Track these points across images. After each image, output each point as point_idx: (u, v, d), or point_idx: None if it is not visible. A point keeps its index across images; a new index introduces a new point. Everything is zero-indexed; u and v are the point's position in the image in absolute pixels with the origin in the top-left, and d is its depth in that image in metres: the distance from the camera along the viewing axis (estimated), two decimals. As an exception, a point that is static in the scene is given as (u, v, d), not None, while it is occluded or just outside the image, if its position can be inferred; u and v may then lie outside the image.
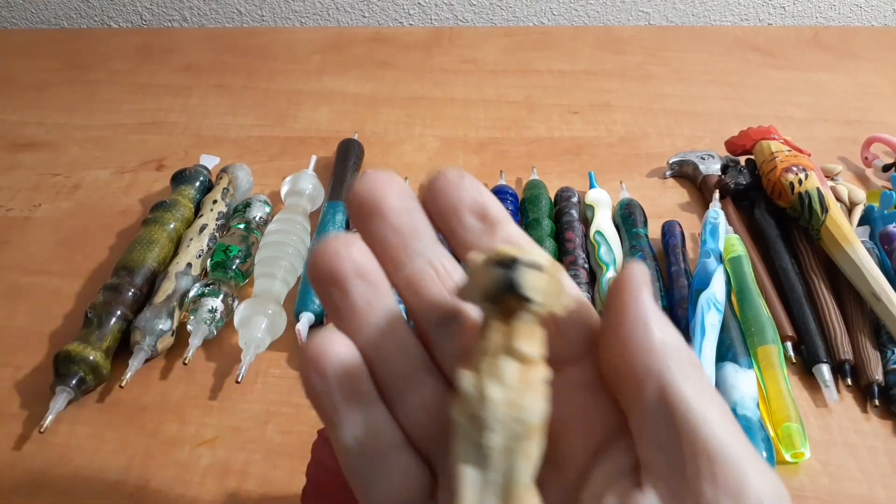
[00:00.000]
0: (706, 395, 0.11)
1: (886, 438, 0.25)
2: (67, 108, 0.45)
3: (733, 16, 0.59)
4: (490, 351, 0.11)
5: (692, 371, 0.11)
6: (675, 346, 0.11)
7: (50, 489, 0.24)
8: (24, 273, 0.33)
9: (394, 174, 0.13)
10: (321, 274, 0.12)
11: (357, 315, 0.12)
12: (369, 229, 0.12)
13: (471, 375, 0.11)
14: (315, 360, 0.11)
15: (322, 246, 0.12)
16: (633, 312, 0.11)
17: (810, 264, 0.31)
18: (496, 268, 0.11)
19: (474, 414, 0.11)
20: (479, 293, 0.11)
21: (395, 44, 0.53)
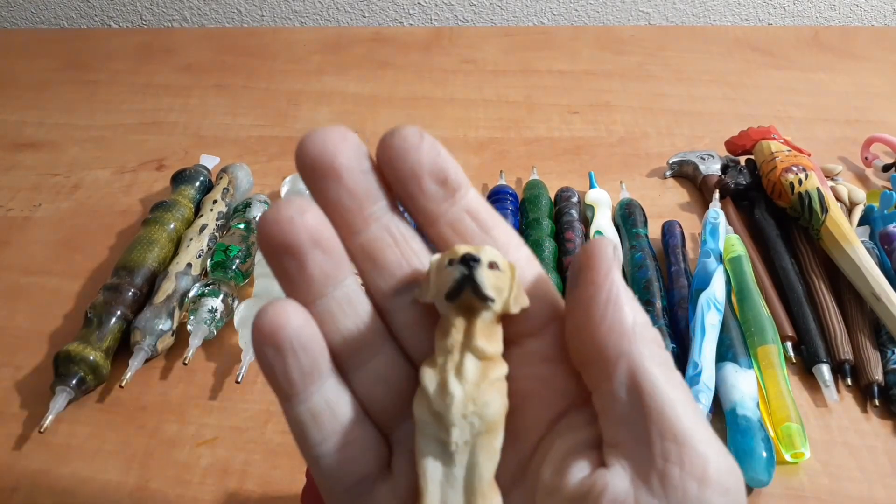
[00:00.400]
0: (673, 378, 0.11)
1: (886, 438, 0.25)
2: (67, 108, 0.45)
3: (733, 16, 0.59)
4: (451, 349, 0.11)
5: (659, 353, 0.11)
6: (644, 326, 0.11)
7: (50, 489, 0.24)
8: (24, 273, 0.33)
9: (346, 129, 0.12)
10: (274, 244, 0.11)
11: (314, 286, 0.11)
12: (323, 191, 0.12)
13: (432, 373, 0.11)
14: (270, 334, 0.11)
15: (274, 213, 0.11)
16: (605, 292, 0.11)
17: (810, 264, 0.31)
18: (458, 267, 0.11)
19: (437, 411, 0.11)
20: (440, 292, 0.11)
21: (395, 44, 0.53)
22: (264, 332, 0.11)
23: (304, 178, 0.12)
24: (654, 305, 0.28)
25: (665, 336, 0.27)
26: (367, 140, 0.46)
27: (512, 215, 0.34)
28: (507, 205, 0.34)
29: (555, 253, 0.31)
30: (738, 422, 0.24)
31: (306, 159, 0.12)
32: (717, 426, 0.25)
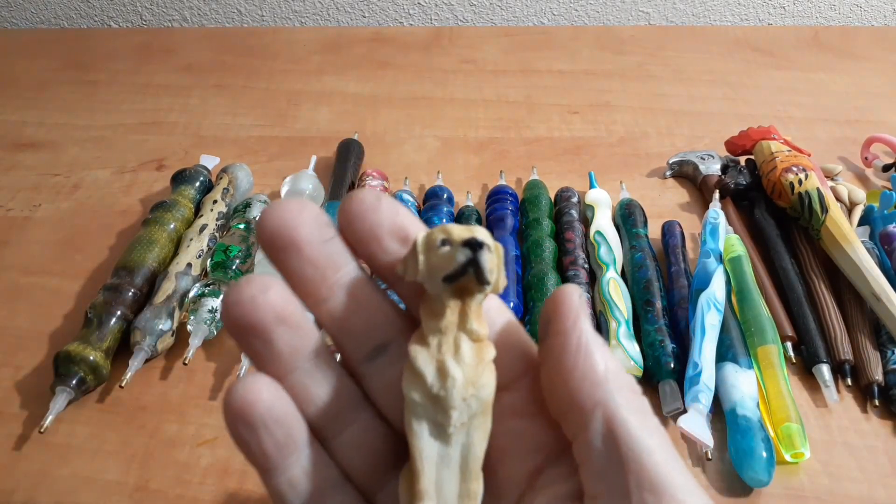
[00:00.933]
0: (650, 424, 0.11)
1: (886, 438, 0.25)
2: (67, 108, 0.45)
3: (733, 16, 0.59)
4: (445, 330, 0.11)
5: (635, 400, 0.11)
6: (617, 374, 0.11)
7: (50, 489, 0.24)
8: (24, 273, 0.33)
9: (306, 201, 0.12)
10: (239, 325, 0.11)
11: (283, 361, 0.12)
12: (285, 264, 0.12)
13: (426, 354, 0.11)
14: (241, 411, 0.11)
15: (235, 293, 0.11)
16: (575, 341, 0.11)
17: (810, 264, 0.31)
18: (462, 250, 0.11)
19: (436, 394, 0.11)
20: (433, 273, 0.11)
21: (395, 44, 0.53)
22: (235, 409, 0.11)
23: (266, 252, 0.12)
24: (654, 305, 0.28)
25: (665, 336, 0.27)
26: (366, 142, 0.46)
27: (512, 215, 0.34)
28: (507, 205, 0.34)
29: (555, 253, 0.31)
30: (738, 422, 0.24)
31: (266, 234, 0.12)
32: (717, 426, 0.25)
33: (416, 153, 0.41)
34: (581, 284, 0.30)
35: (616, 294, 0.28)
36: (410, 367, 0.11)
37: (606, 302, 0.28)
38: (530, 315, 0.28)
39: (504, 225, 0.33)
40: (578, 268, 0.31)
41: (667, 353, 0.26)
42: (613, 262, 0.30)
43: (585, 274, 0.30)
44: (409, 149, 0.41)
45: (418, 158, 0.40)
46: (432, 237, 0.11)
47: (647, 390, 0.27)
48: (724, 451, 0.24)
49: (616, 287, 0.29)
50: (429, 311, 0.12)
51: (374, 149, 0.41)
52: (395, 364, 0.12)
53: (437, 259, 0.11)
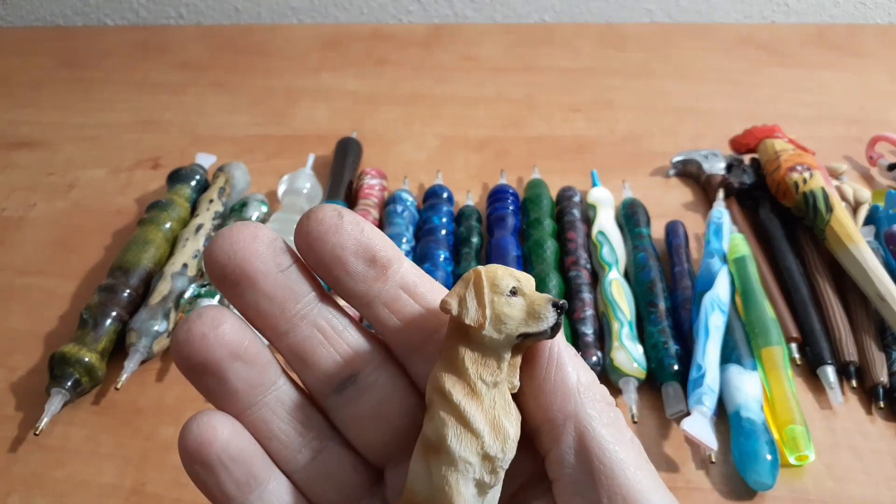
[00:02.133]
0: (623, 438, 0.11)
1: (891, 441, 0.25)
2: (62, 107, 0.45)
3: (737, 13, 0.59)
4: (497, 384, 0.11)
5: (608, 412, 0.11)
6: (589, 386, 0.11)
7: (45, 492, 0.24)
8: (19, 273, 0.33)
9: (258, 227, 0.11)
10: (190, 364, 0.11)
11: (241, 397, 0.11)
12: (238, 298, 0.11)
13: (480, 410, 0.11)
14: (196, 452, 0.10)
15: (185, 331, 0.11)
16: (546, 353, 0.11)
17: (815, 264, 0.30)
18: (552, 311, 0.11)
19: (492, 454, 0.11)
20: (501, 322, 0.11)
21: (394, 41, 0.53)
22: (190, 450, 0.11)
23: (216, 286, 0.11)
24: (658, 306, 0.28)
25: (669, 337, 0.27)
26: (365, 140, 0.46)
27: (513, 215, 0.33)
28: (508, 204, 0.34)
29: (557, 253, 0.31)
30: (743, 424, 0.24)
31: (215, 268, 0.11)
32: (721, 428, 0.25)
33: (416, 152, 0.40)
34: (583, 285, 0.29)
35: (619, 295, 0.28)
36: (463, 422, 0.11)
37: (609, 303, 0.28)
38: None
39: (505, 225, 0.32)
40: (580, 268, 0.30)
41: (670, 354, 0.26)
42: (616, 263, 0.30)
43: (587, 274, 0.30)
44: (408, 147, 0.41)
45: (418, 157, 0.40)
46: (500, 282, 0.11)
47: (650, 392, 0.26)
48: (728, 454, 0.24)
49: (619, 288, 0.29)
50: (478, 360, 0.11)
51: (372, 147, 0.40)
52: (365, 395, 0.12)
53: (508, 309, 0.11)
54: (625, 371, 0.26)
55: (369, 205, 0.34)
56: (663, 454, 0.25)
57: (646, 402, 0.26)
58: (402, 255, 0.12)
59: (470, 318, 0.11)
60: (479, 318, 0.11)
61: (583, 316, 0.28)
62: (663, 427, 0.25)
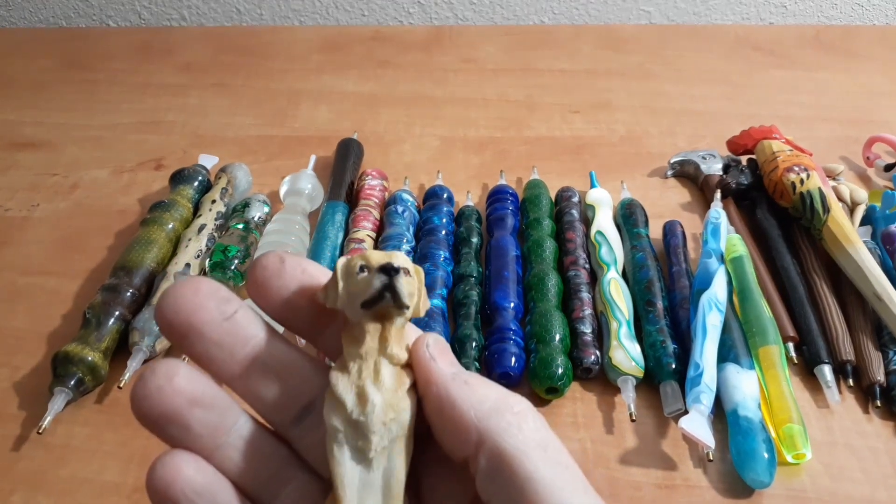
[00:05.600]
0: (531, 442, 0.11)
1: (888, 439, 0.25)
2: (66, 108, 0.45)
3: (735, 15, 0.59)
4: (365, 356, 0.11)
5: (516, 423, 0.11)
6: (491, 410, 0.11)
7: (48, 490, 0.24)
8: (23, 273, 0.33)
9: (199, 281, 0.11)
10: (151, 418, 0.11)
11: (205, 441, 0.11)
12: (190, 349, 0.12)
13: (346, 381, 0.11)
14: (162, 491, 0.11)
15: (141, 387, 0.11)
16: (434, 398, 0.11)
17: (812, 264, 0.31)
18: (378, 276, 0.11)
19: (356, 419, 0.11)
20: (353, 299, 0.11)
21: (394, 43, 0.53)
22: (157, 489, 0.11)
23: (168, 339, 0.12)
24: (656, 306, 0.28)
25: (666, 336, 0.27)
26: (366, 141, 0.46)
27: (512, 215, 0.33)
28: (508, 205, 0.34)
29: (556, 253, 0.31)
30: (740, 423, 0.24)
31: (163, 324, 0.11)
32: (719, 427, 0.25)
33: (416, 153, 0.41)
34: (581, 285, 0.30)
35: (617, 294, 0.28)
36: (331, 394, 0.11)
37: (607, 302, 0.28)
38: (531, 315, 0.28)
39: (504, 225, 0.33)
40: (579, 268, 0.30)
41: (668, 353, 0.26)
42: (614, 262, 0.30)
43: (586, 274, 0.30)
44: (408, 148, 0.41)
45: (418, 158, 0.40)
46: (351, 263, 0.12)
47: (648, 391, 0.27)
48: (726, 452, 0.24)
49: (617, 287, 0.29)
50: (349, 338, 0.12)
51: (373, 148, 0.41)
52: (323, 423, 0.12)
53: (355, 285, 0.11)
54: (623, 370, 0.26)
55: (370, 205, 0.34)
56: (661, 452, 0.25)
57: (644, 400, 0.26)
58: None
59: (330, 301, 0.12)
60: (333, 300, 0.11)
61: (581, 315, 0.28)
62: (661, 425, 0.26)
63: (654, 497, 0.23)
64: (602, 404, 0.26)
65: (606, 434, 0.25)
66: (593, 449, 0.25)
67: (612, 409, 0.26)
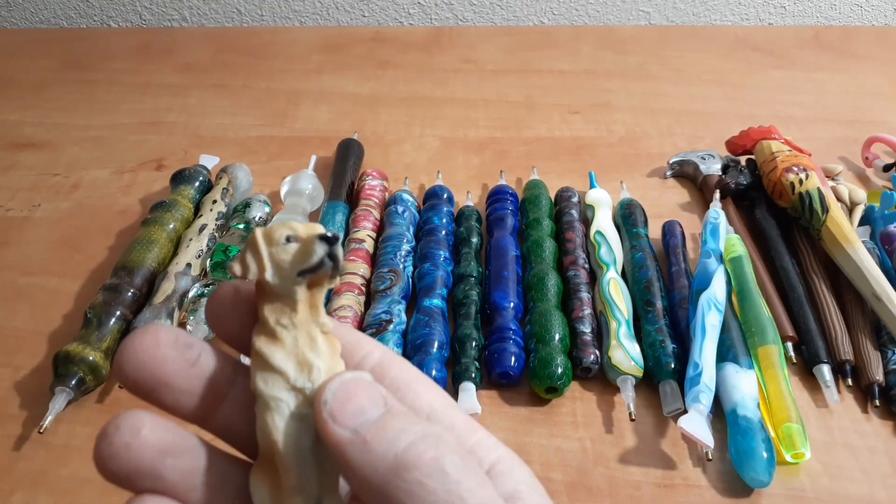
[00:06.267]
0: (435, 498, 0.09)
1: (887, 439, 0.25)
2: (66, 108, 0.45)
3: (734, 15, 0.59)
4: (300, 325, 0.11)
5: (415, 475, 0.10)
6: (383, 455, 0.10)
7: (49, 489, 0.24)
8: (24, 273, 0.33)
9: (158, 330, 0.11)
10: (120, 475, 0.10)
11: (179, 487, 0.11)
12: (158, 403, 0.11)
13: (282, 350, 0.11)
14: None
15: (105, 446, 0.10)
16: (330, 440, 0.10)
17: (811, 264, 0.31)
18: (319, 244, 0.11)
19: (300, 386, 0.11)
20: (284, 269, 0.11)
21: (395, 43, 0.53)
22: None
23: (134, 394, 0.11)
24: (655, 305, 0.28)
25: (666, 336, 0.27)
26: (366, 142, 0.46)
27: (512, 215, 0.34)
28: (508, 205, 0.34)
29: (555, 253, 0.31)
30: (739, 422, 0.24)
31: (127, 381, 0.11)
32: (718, 426, 0.25)
33: (416, 153, 0.41)
34: (581, 284, 0.30)
35: (616, 294, 0.28)
36: (265, 365, 0.11)
37: (607, 302, 0.28)
38: (531, 315, 0.28)
39: (504, 225, 0.33)
40: (579, 268, 0.30)
41: (667, 353, 0.26)
42: (614, 262, 0.30)
43: (586, 274, 0.30)
44: (408, 148, 0.41)
45: (418, 158, 0.40)
46: (273, 234, 0.11)
47: (647, 390, 0.27)
48: (725, 452, 0.24)
49: (616, 287, 0.29)
50: (275, 308, 0.11)
51: (373, 148, 0.41)
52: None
53: (285, 255, 0.11)
54: (622, 369, 0.26)
55: (370, 205, 0.34)
56: (661, 452, 0.25)
57: (643, 400, 0.26)
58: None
59: (252, 273, 0.11)
60: (259, 270, 0.11)
61: (581, 315, 0.28)
62: (660, 425, 0.26)
63: (654, 496, 0.23)
64: (601, 404, 0.27)
65: (606, 433, 0.25)
66: (593, 448, 0.25)
67: (611, 408, 0.26)
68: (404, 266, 0.30)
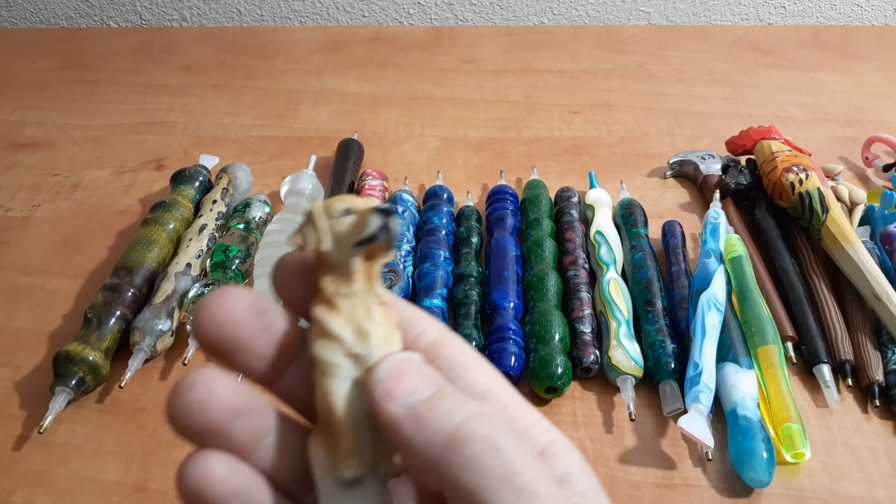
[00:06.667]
0: (490, 473, 0.10)
1: (887, 439, 0.25)
2: (67, 108, 0.45)
3: (734, 15, 0.59)
4: (356, 294, 0.12)
5: (470, 450, 0.10)
6: (438, 430, 0.10)
7: (49, 489, 0.24)
8: (24, 273, 0.33)
9: (237, 293, 0.11)
10: (192, 431, 0.11)
11: (246, 446, 0.11)
12: (231, 365, 0.11)
13: (340, 318, 0.11)
14: (195, 494, 0.11)
15: (181, 402, 0.11)
16: (385, 417, 0.10)
17: (811, 264, 0.31)
18: (376, 216, 0.11)
19: (357, 353, 0.11)
20: (342, 240, 0.11)
21: (394, 43, 0.53)
22: (190, 492, 0.11)
23: (209, 356, 0.12)
24: (655, 305, 0.28)
25: (666, 336, 0.27)
26: (366, 142, 0.46)
27: (512, 215, 0.34)
28: (508, 205, 0.34)
29: (555, 253, 0.31)
30: (739, 422, 0.24)
31: (204, 341, 0.11)
32: (718, 426, 0.25)
33: (416, 153, 0.41)
34: (581, 284, 0.30)
35: (616, 294, 0.28)
36: (323, 332, 0.11)
37: (607, 302, 0.28)
38: (531, 315, 0.28)
39: (504, 225, 0.33)
40: (579, 268, 0.30)
41: (667, 353, 0.26)
42: (614, 262, 0.30)
43: (586, 274, 0.30)
44: (408, 148, 0.41)
45: (418, 158, 0.40)
46: (331, 207, 0.12)
47: (647, 390, 0.27)
48: (725, 452, 0.24)
49: (616, 287, 0.29)
50: (333, 278, 0.12)
51: (373, 148, 0.41)
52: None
53: (342, 227, 0.12)
54: (622, 369, 0.26)
55: (370, 205, 0.34)
56: (660, 452, 0.25)
57: (643, 399, 0.26)
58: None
59: (311, 243, 0.12)
60: (317, 241, 0.12)
61: (581, 315, 0.28)
62: (660, 425, 0.26)
63: (654, 496, 0.24)
64: (601, 404, 0.27)
65: (606, 433, 0.25)
66: (593, 448, 0.25)
67: (611, 408, 0.26)
68: (404, 266, 0.30)
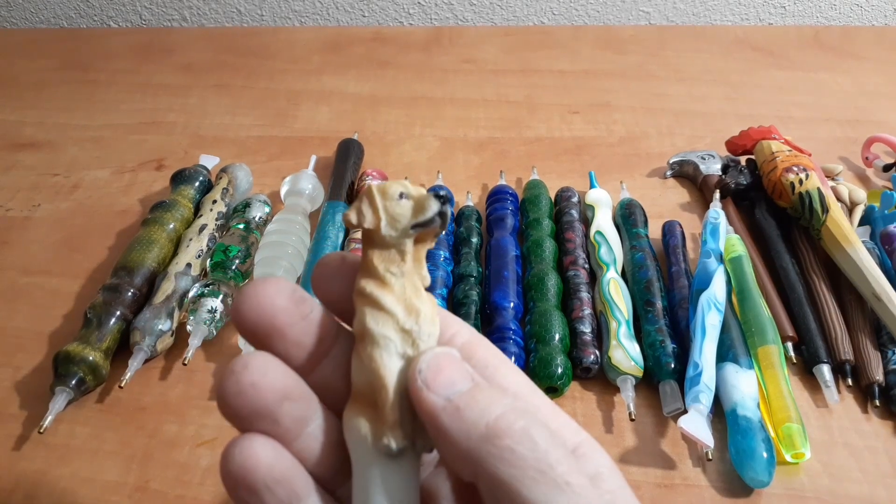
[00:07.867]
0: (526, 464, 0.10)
1: (887, 439, 0.25)
2: (67, 108, 0.45)
3: (734, 15, 0.59)
4: (405, 274, 0.12)
5: (506, 442, 0.10)
6: (476, 422, 0.10)
7: (49, 490, 0.24)
8: (24, 273, 0.33)
9: (279, 282, 0.12)
10: (241, 414, 0.11)
11: (290, 432, 0.12)
12: (271, 349, 0.12)
13: (392, 295, 0.12)
14: (241, 477, 0.11)
15: (234, 382, 0.11)
16: (424, 407, 0.11)
17: (811, 264, 0.31)
18: (434, 201, 0.12)
19: (408, 328, 0.12)
20: (397, 221, 0.12)
21: (395, 43, 0.53)
22: (235, 475, 0.11)
23: (247, 340, 0.12)
24: (655, 305, 0.28)
25: (666, 336, 0.27)
26: (366, 142, 0.46)
27: (512, 215, 0.34)
28: (508, 205, 0.34)
29: (555, 253, 0.31)
30: (739, 422, 0.24)
31: (245, 325, 0.12)
32: (718, 426, 0.25)
33: (416, 153, 0.41)
34: (581, 284, 0.30)
35: (616, 294, 0.28)
36: (375, 307, 0.12)
37: (607, 302, 0.28)
38: (530, 315, 0.28)
39: (504, 225, 0.33)
40: (579, 268, 0.30)
41: (667, 353, 0.26)
42: (614, 262, 0.30)
43: (586, 274, 0.30)
44: (408, 148, 0.41)
45: (418, 158, 0.40)
46: (388, 190, 0.12)
47: (647, 390, 0.27)
48: (725, 452, 0.24)
49: (616, 287, 0.29)
50: (385, 257, 0.12)
51: (373, 148, 0.41)
52: None
53: (399, 209, 0.12)
54: (622, 369, 0.26)
55: (370, 205, 0.34)
56: (660, 452, 0.25)
57: (643, 399, 0.26)
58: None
59: (368, 222, 0.12)
60: (375, 221, 0.12)
61: (581, 315, 0.28)
62: (660, 425, 0.26)
63: (654, 496, 0.24)
64: (601, 404, 0.27)
65: (606, 433, 0.25)
66: (593, 448, 0.25)
67: (611, 408, 0.26)
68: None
